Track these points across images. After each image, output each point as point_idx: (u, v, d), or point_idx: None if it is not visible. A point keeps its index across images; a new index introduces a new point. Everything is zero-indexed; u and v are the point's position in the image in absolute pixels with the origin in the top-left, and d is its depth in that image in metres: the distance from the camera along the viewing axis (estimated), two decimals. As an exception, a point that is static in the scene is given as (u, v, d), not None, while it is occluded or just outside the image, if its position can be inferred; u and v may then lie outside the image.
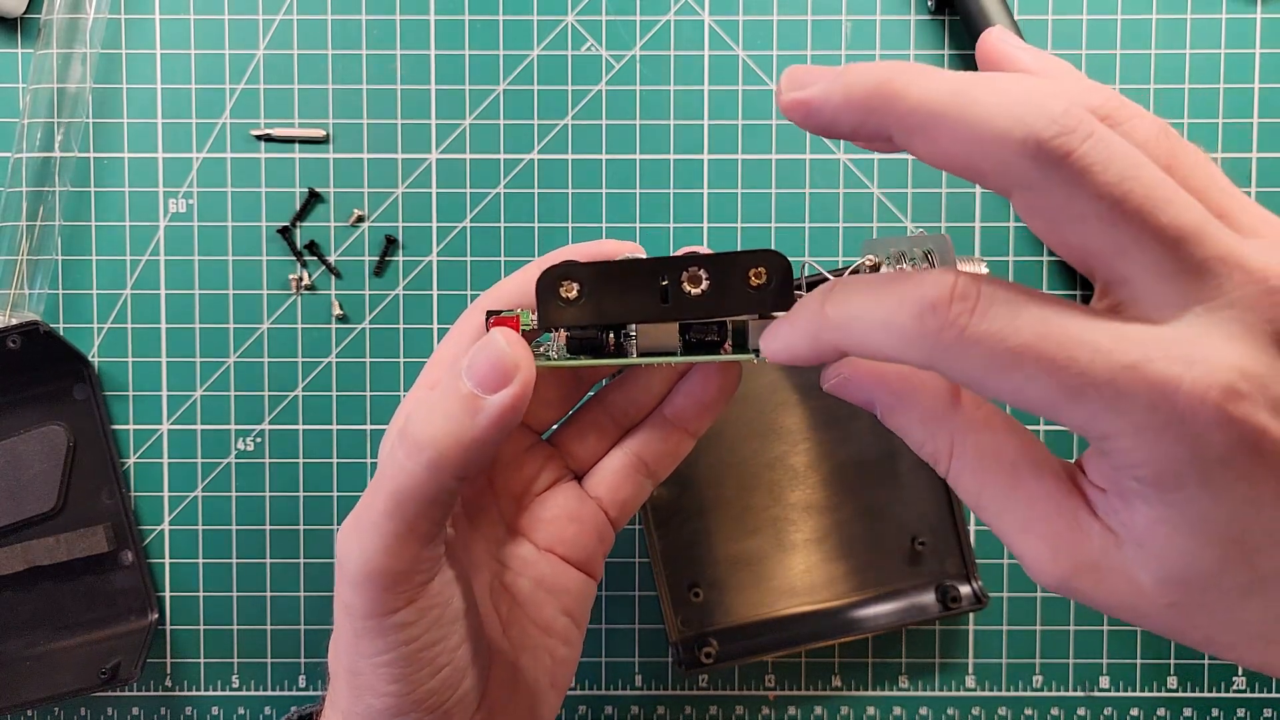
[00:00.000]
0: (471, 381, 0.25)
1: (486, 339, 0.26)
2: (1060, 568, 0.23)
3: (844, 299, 0.23)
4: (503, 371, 0.25)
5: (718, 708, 0.44)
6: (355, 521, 0.27)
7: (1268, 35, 0.42)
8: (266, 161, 0.43)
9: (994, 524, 0.24)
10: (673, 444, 0.32)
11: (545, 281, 0.26)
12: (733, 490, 0.42)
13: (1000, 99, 0.20)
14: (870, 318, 0.22)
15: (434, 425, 0.25)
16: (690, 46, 0.43)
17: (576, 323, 0.26)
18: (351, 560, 0.26)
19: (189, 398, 0.43)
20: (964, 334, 0.20)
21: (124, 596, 0.43)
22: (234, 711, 0.44)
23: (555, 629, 0.32)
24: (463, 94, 0.43)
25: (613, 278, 0.26)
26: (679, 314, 0.26)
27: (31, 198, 0.42)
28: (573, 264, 0.26)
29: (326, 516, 0.43)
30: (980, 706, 0.44)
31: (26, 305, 0.42)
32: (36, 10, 0.43)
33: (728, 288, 0.26)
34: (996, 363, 0.20)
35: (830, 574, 0.42)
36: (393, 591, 0.26)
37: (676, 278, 0.26)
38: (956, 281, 0.21)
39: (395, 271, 0.43)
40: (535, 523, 0.32)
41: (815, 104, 0.23)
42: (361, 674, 0.27)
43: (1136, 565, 0.21)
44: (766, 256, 0.26)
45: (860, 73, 0.22)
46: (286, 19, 0.43)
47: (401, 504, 0.26)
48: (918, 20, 0.43)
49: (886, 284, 0.22)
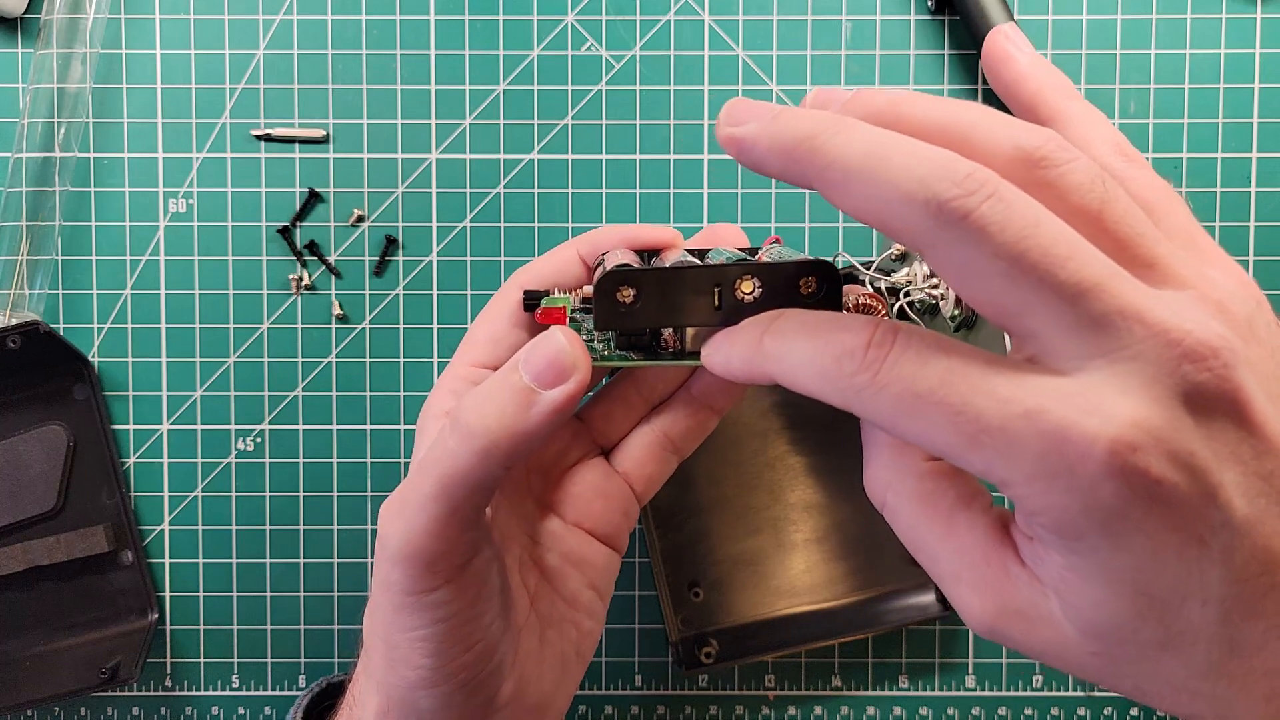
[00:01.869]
0: (528, 375, 0.26)
1: (547, 336, 0.27)
2: (989, 616, 0.23)
3: (780, 333, 0.24)
4: (561, 369, 0.26)
5: (718, 708, 0.44)
6: (400, 500, 0.27)
7: (1268, 35, 0.42)
8: (266, 161, 0.43)
9: (928, 568, 0.25)
10: (698, 421, 0.33)
11: (604, 286, 0.27)
12: (733, 490, 0.42)
13: (909, 161, 0.21)
14: (799, 356, 0.23)
15: (488, 415, 0.26)
16: (690, 46, 0.43)
17: (632, 326, 0.27)
18: (394, 538, 0.27)
19: (189, 398, 0.43)
20: (875, 379, 0.21)
21: (124, 596, 0.43)
22: (234, 711, 0.44)
23: (581, 602, 0.33)
24: (463, 94, 0.43)
25: (669, 284, 0.27)
26: (730, 319, 0.27)
27: (31, 198, 0.42)
28: (632, 270, 0.27)
29: (326, 516, 0.43)
30: (980, 706, 0.44)
31: (26, 305, 0.42)
32: (37, 10, 0.43)
33: (778, 295, 0.27)
34: (903, 407, 0.21)
35: (830, 574, 0.42)
36: (432, 571, 0.27)
37: (730, 285, 0.27)
38: (876, 330, 0.22)
39: (395, 271, 0.43)
40: (563, 498, 0.33)
41: (745, 144, 0.24)
42: (398, 647, 0.28)
43: (1060, 614, 0.22)
44: (818, 266, 0.27)
45: (788, 122, 0.23)
46: (286, 19, 0.43)
47: (449, 488, 0.26)
48: (918, 20, 0.43)
49: (819, 325, 0.23)
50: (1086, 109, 0.26)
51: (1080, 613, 0.21)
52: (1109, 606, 0.21)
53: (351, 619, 0.44)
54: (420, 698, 0.29)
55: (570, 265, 0.31)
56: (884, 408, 0.21)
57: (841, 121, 0.22)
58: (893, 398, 0.21)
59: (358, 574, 0.43)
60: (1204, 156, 0.43)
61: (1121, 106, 0.43)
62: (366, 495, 0.43)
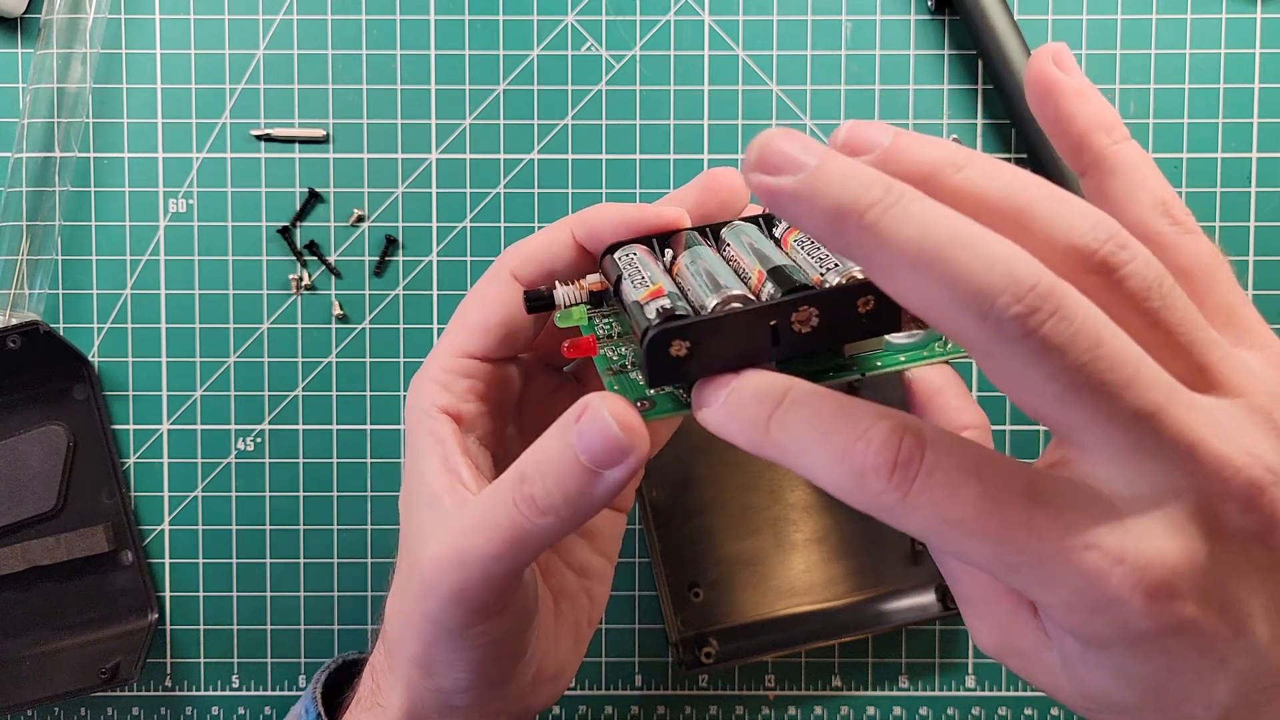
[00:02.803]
0: (586, 458, 0.25)
1: (595, 413, 0.25)
2: (994, 645, 0.24)
3: (790, 426, 0.22)
4: (618, 450, 0.24)
5: (718, 708, 0.44)
6: (456, 552, 0.26)
7: (1268, 35, 0.42)
8: (266, 161, 0.43)
9: (948, 581, 0.26)
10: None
11: (655, 344, 0.24)
12: (733, 490, 0.42)
13: (970, 263, 0.19)
14: (815, 459, 0.21)
15: (554, 494, 0.25)
16: (690, 46, 0.43)
17: (685, 379, 0.25)
18: (445, 586, 0.26)
19: (189, 398, 0.43)
20: (904, 500, 0.20)
21: (124, 596, 0.43)
22: (234, 711, 0.44)
23: (591, 570, 0.33)
24: (463, 94, 0.43)
25: (722, 330, 0.25)
26: (790, 352, 0.25)
27: (31, 198, 0.42)
28: (682, 325, 0.24)
29: (326, 516, 0.43)
30: (980, 706, 0.44)
31: (26, 305, 0.42)
32: (36, 10, 0.43)
33: (837, 320, 0.25)
34: (934, 529, 0.20)
35: (830, 574, 0.42)
36: (481, 613, 0.27)
37: (786, 320, 0.25)
38: (900, 446, 0.20)
39: (395, 271, 0.43)
40: None
41: (781, 200, 0.21)
42: (435, 663, 0.28)
43: (1060, 671, 0.23)
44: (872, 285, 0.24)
45: (834, 183, 0.20)
46: (286, 19, 0.43)
47: (515, 552, 0.26)
48: (918, 20, 0.43)
49: (833, 426, 0.21)
50: (1135, 156, 0.24)
51: (1084, 685, 0.22)
52: (1115, 693, 0.22)
53: (352, 619, 0.44)
54: (454, 698, 0.29)
55: (564, 249, 0.30)
56: (916, 527, 0.21)
57: (894, 193, 0.20)
58: (924, 520, 0.20)
59: (357, 574, 0.43)
60: (1204, 157, 0.43)
61: (1121, 106, 0.42)
62: (366, 495, 0.43)
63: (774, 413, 0.22)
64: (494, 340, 0.30)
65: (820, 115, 0.43)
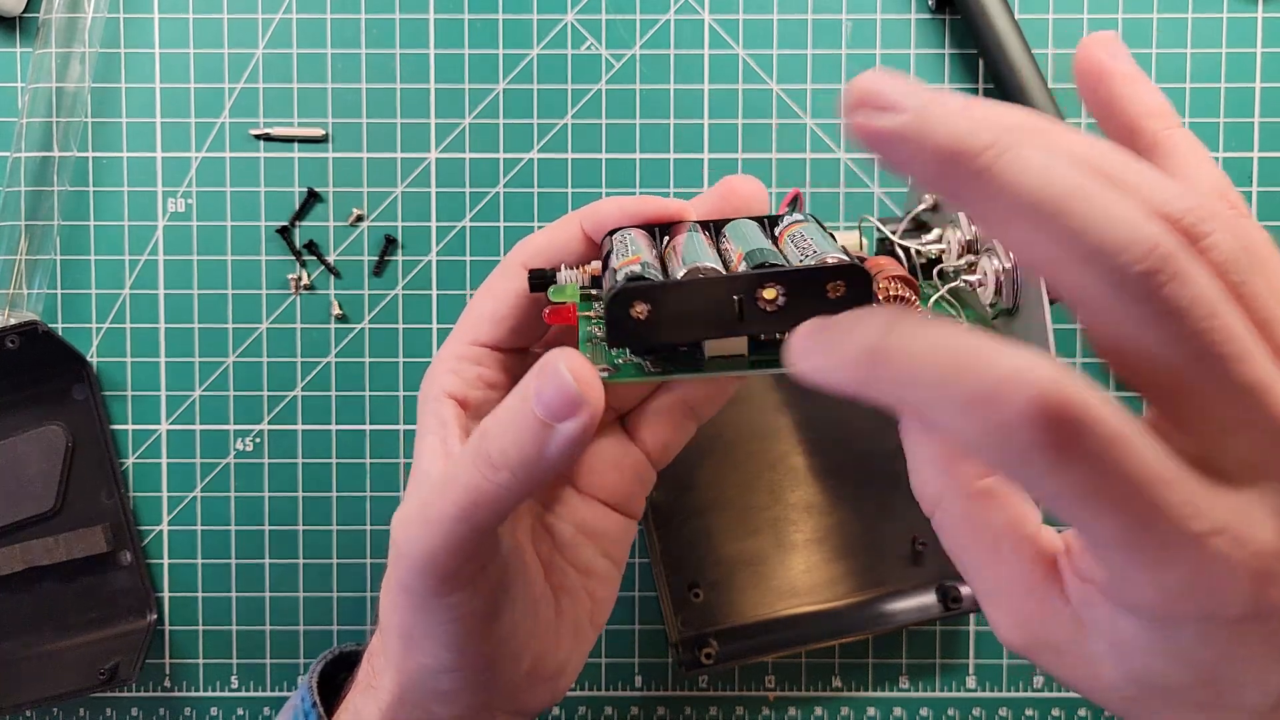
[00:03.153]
0: (540, 410, 0.25)
1: (553, 369, 0.25)
2: (1022, 641, 0.23)
3: (908, 351, 0.19)
4: (571, 403, 0.25)
5: (718, 708, 0.44)
6: (421, 513, 0.27)
7: (1268, 35, 0.42)
8: (265, 161, 0.43)
9: (968, 581, 0.24)
10: (718, 384, 0.32)
11: (616, 303, 0.25)
12: (733, 490, 0.42)
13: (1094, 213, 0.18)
14: (942, 395, 0.19)
15: (509, 450, 0.26)
16: (690, 45, 0.43)
17: (646, 342, 0.26)
18: (414, 550, 0.27)
19: (188, 398, 0.43)
20: (1054, 465, 0.18)
21: (123, 597, 0.43)
22: (233, 712, 0.44)
23: (595, 571, 0.33)
24: (462, 93, 0.43)
25: (685, 298, 0.25)
26: (755, 329, 0.25)
27: (30, 197, 0.42)
28: (645, 286, 0.25)
29: (326, 517, 0.43)
30: (981, 707, 0.44)
31: (25, 305, 0.42)
32: (35, 9, 0.42)
33: (804, 301, 0.25)
34: (1078, 496, 0.18)
35: (830, 574, 0.42)
36: (453, 579, 0.27)
37: (751, 294, 0.25)
38: (1064, 400, 0.17)
39: (394, 271, 0.43)
40: (576, 468, 0.33)
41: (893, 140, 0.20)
42: (415, 638, 0.29)
43: (1101, 659, 0.22)
44: (848, 271, 0.24)
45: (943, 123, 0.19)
46: (285, 18, 0.43)
47: (474, 511, 0.26)
48: (918, 20, 0.43)
49: (968, 365, 0.18)
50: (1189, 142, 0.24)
51: (1131, 668, 0.21)
52: (1167, 674, 0.21)
53: (351, 619, 0.44)
54: (440, 679, 0.29)
55: (572, 241, 0.30)
56: (1052, 488, 0.19)
57: (1011, 135, 0.19)
58: (1070, 485, 0.18)
59: (357, 574, 0.43)
60: (1205, 156, 0.42)
61: (1122, 106, 0.42)
62: (366, 495, 0.43)
63: (885, 338, 0.20)
64: (504, 330, 0.30)
65: (820, 115, 0.43)
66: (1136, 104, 0.24)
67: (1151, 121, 0.24)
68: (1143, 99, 0.24)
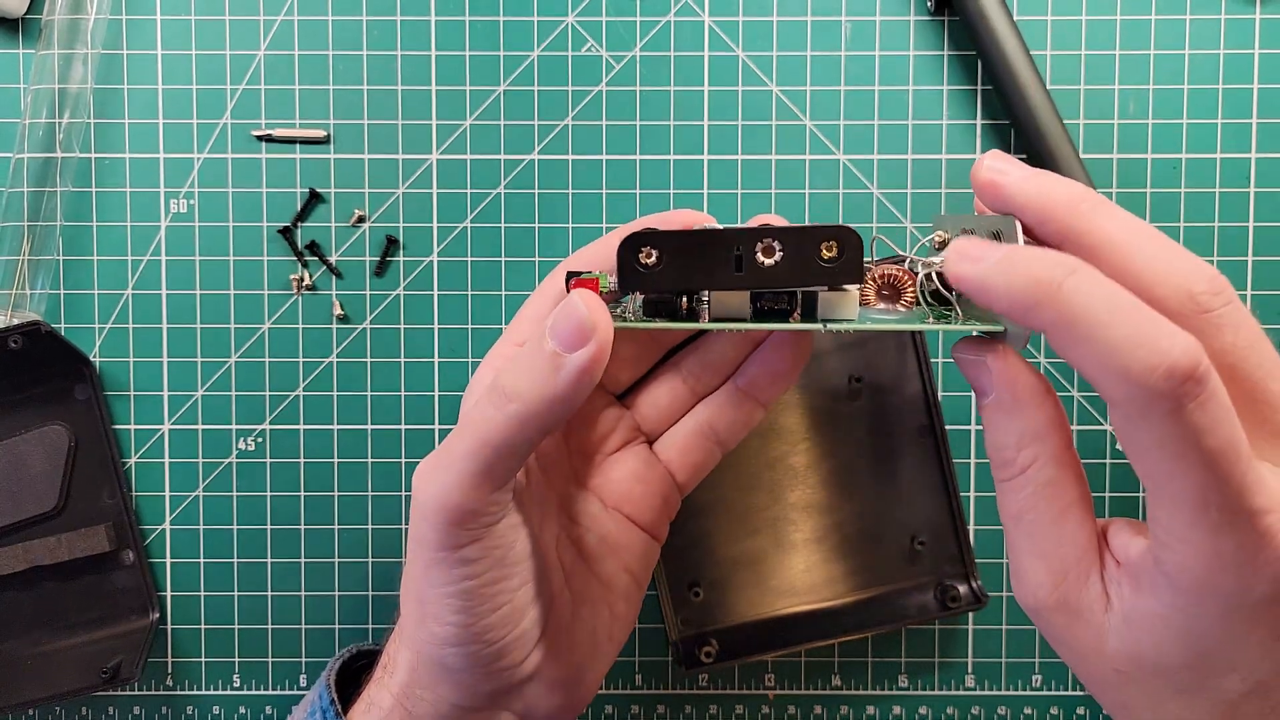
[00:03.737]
0: (554, 341, 0.27)
1: (567, 301, 0.27)
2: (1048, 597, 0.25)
3: (1087, 291, 0.22)
4: (582, 331, 0.27)
5: (718, 707, 0.44)
6: (436, 460, 0.28)
7: (1267, 35, 0.42)
8: (267, 162, 0.43)
9: (1016, 541, 0.26)
10: (744, 413, 0.34)
11: (626, 247, 0.27)
12: (733, 490, 0.42)
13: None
14: (1106, 333, 0.22)
15: (521, 380, 0.27)
16: (690, 47, 0.43)
17: (654, 288, 0.28)
18: (428, 495, 0.28)
19: (190, 398, 0.43)
20: (1177, 411, 0.21)
21: (125, 596, 0.43)
22: (235, 711, 0.44)
23: (616, 585, 0.34)
24: (463, 95, 0.43)
25: (690, 247, 0.27)
26: (752, 283, 0.27)
27: (33, 198, 0.42)
28: (653, 232, 0.27)
29: (327, 516, 0.43)
30: (980, 706, 0.44)
31: (28, 305, 0.42)
32: (38, 11, 0.43)
33: (800, 260, 0.27)
34: (1176, 448, 0.21)
35: (830, 574, 0.42)
36: (462, 527, 0.28)
37: (751, 248, 0.27)
38: (1203, 361, 0.21)
39: (396, 272, 0.43)
40: (604, 481, 0.34)
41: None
42: (428, 603, 0.29)
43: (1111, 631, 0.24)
44: (839, 231, 0.27)
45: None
46: (287, 19, 0.43)
47: (483, 448, 0.27)
48: (917, 20, 0.43)
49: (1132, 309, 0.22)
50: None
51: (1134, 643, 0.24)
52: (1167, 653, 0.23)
53: (352, 619, 0.44)
54: (448, 655, 0.30)
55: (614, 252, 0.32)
56: (1158, 437, 0.22)
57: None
58: (1175, 435, 0.21)
59: (358, 574, 0.44)
60: (1203, 157, 0.43)
61: (1121, 107, 0.43)
62: (367, 495, 0.43)
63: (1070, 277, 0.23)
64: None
65: (820, 116, 0.43)
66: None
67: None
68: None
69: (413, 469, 0.41)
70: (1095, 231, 0.24)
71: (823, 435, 0.42)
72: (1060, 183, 0.25)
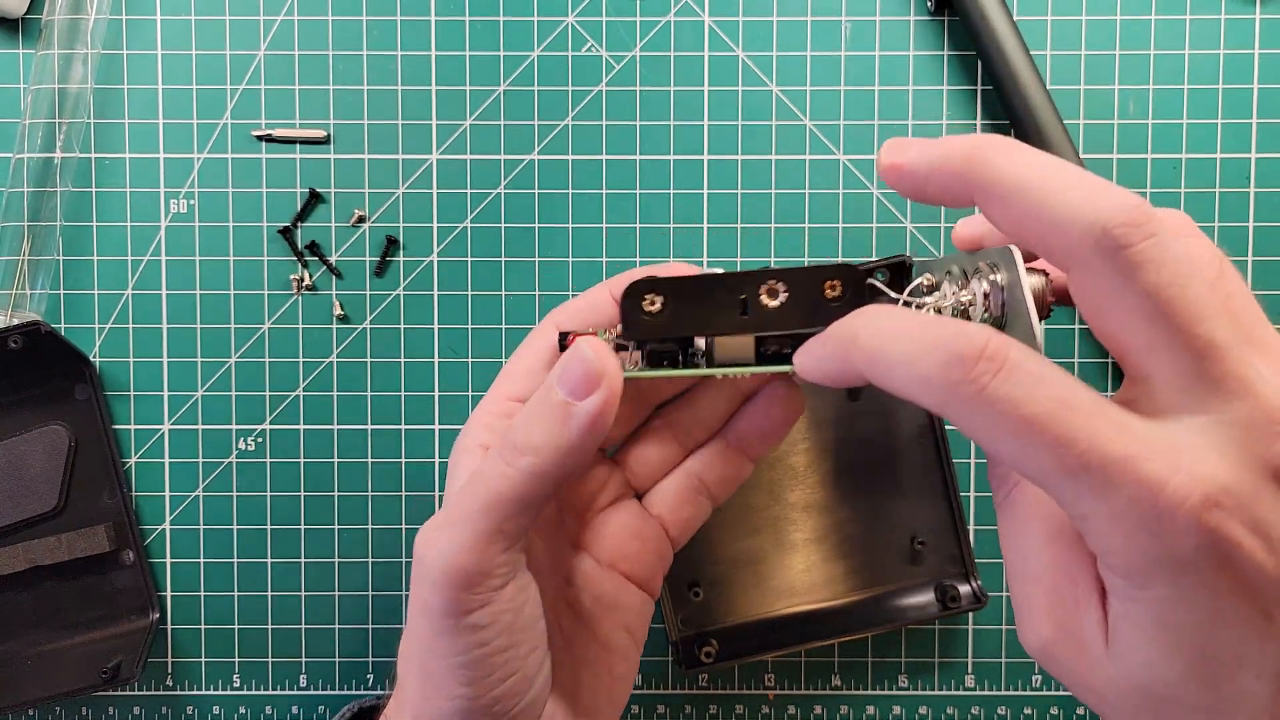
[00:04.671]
0: (563, 390, 0.27)
1: (575, 349, 0.27)
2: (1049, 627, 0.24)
3: (880, 331, 0.24)
4: (591, 377, 0.27)
5: (718, 707, 0.44)
6: (443, 520, 0.28)
7: (1266, 36, 0.42)
8: (267, 162, 0.43)
9: (1012, 565, 0.25)
10: (734, 467, 0.33)
11: (630, 294, 0.27)
12: (733, 490, 0.42)
13: (1080, 183, 0.22)
14: (899, 353, 0.23)
15: (533, 433, 0.27)
16: (690, 47, 0.43)
17: (658, 334, 0.28)
18: (435, 558, 0.27)
19: (190, 398, 0.43)
20: (982, 392, 0.21)
21: (125, 596, 0.43)
22: (235, 711, 0.44)
23: (614, 645, 0.32)
24: (463, 95, 0.43)
25: (694, 291, 0.27)
26: (757, 326, 0.27)
27: (33, 198, 0.42)
28: (657, 279, 0.27)
29: (327, 516, 0.43)
30: (979, 706, 0.44)
31: (28, 305, 0.42)
32: (38, 11, 0.43)
33: (804, 300, 0.27)
34: (1005, 426, 0.21)
35: (830, 573, 0.42)
36: (470, 591, 0.27)
37: (755, 292, 0.27)
38: (989, 341, 0.21)
39: (396, 272, 0.43)
40: (597, 538, 0.33)
41: (908, 167, 0.25)
42: (434, 675, 0.28)
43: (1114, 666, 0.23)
44: (842, 270, 0.27)
45: (954, 139, 0.24)
46: (287, 19, 0.43)
47: (496, 505, 0.27)
48: (917, 20, 0.43)
49: (923, 324, 0.23)
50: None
51: (1131, 670, 0.22)
52: (1161, 666, 0.22)
53: (352, 619, 0.44)
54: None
55: (604, 304, 0.31)
56: (985, 423, 0.21)
57: (1005, 140, 0.23)
58: (996, 415, 0.21)
59: (358, 574, 0.44)
60: (1203, 157, 0.43)
61: (1121, 107, 0.43)
62: (367, 495, 0.43)
63: (865, 324, 0.24)
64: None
65: (819, 116, 0.43)
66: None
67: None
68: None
69: (413, 469, 0.42)
70: (995, 174, 0.23)
71: (823, 435, 0.42)
72: (960, 139, 0.24)
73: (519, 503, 0.27)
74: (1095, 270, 0.22)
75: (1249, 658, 0.21)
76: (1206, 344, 0.21)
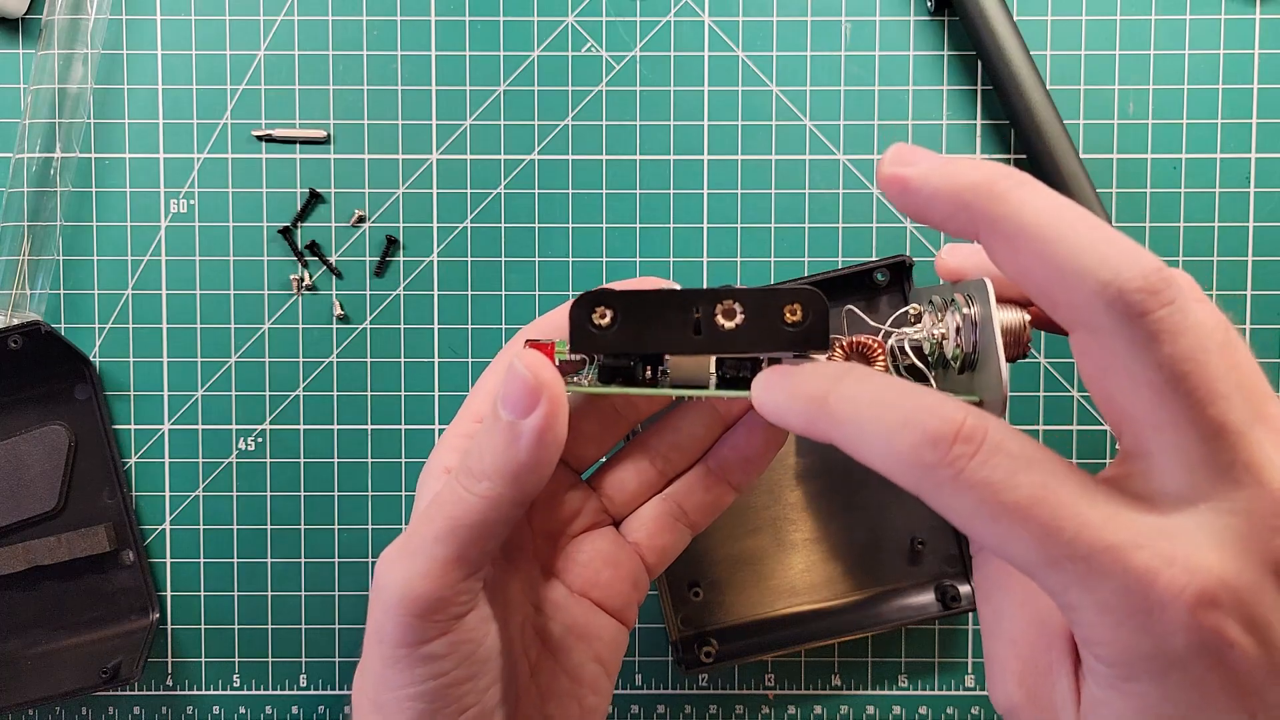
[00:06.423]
0: (506, 410, 0.26)
1: (509, 366, 0.26)
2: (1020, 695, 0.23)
3: (852, 398, 0.22)
4: (530, 393, 0.26)
5: (718, 707, 0.44)
6: (403, 546, 0.27)
7: (1266, 36, 0.42)
8: (267, 162, 0.43)
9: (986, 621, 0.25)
10: (715, 495, 0.32)
11: (579, 307, 0.26)
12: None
13: (1098, 236, 0.20)
14: (871, 428, 0.21)
15: (485, 457, 0.26)
16: (690, 47, 0.43)
17: (608, 349, 0.26)
18: (392, 584, 0.26)
19: (190, 398, 0.43)
20: (959, 476, 0.20)
21: (125, 596, 0.43)
22: (235, 710, 0.44)
23: (584, 676, 0.31)
24: (463, 95, 0.43)
25: (646, 306, 0.26)
26: (711, 347, 0.26)
27: (33, 198, 0.42)
28: (607, 291, 0.26)
29: (327, 516, 0.43)
30: (979, 705, 0.44)
31: (28, 305, 0.42)
32: (38, 11, 0.43)
33: (763, 323, 0.25)
34: (984, 513, 0.20)
35: (830, 573, 0.42)
36: (428, 619, 0.26)
37: (710, 310, 0.25)
38: (965, 420, 0.20)
39: (396, 272, 0.43)
40: (570, 564, 0.31)
41: (914, 184, 0.23)
42: (386, 707, 0.27)
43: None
44: (803, 294, 0.25)
45: (966, 165, 0.22)
46: (288, 19, 0.43)
47: (455, 530, 0.26)
48: (917, 21, 0.43)
49: (899, 396, 0.21)
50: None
51: None
52: None
53: (352, 619, 0.44)
54: None
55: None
56: (963, 508, 0.20)
57: (1022, 176, 0.22)
58: (975, 502, 0.20)
59: (358, 573, 0.44)
60: (1203, 157, 0.43)
61: (1120, 107, 0.43)
62: (367, 495, 0.43)
63: (834, 387, 0.22)
64: None
65: (819, 116, 0.43)
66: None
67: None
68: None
69: (413, 469, 0.42)
70: (1006, 212, 0.21)
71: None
72: (973, 165, 0.22)
73: (478, 528, 0.26)
74: (1104, 333, 0.20)
75: None
76: (1219, 426, 0.20)
